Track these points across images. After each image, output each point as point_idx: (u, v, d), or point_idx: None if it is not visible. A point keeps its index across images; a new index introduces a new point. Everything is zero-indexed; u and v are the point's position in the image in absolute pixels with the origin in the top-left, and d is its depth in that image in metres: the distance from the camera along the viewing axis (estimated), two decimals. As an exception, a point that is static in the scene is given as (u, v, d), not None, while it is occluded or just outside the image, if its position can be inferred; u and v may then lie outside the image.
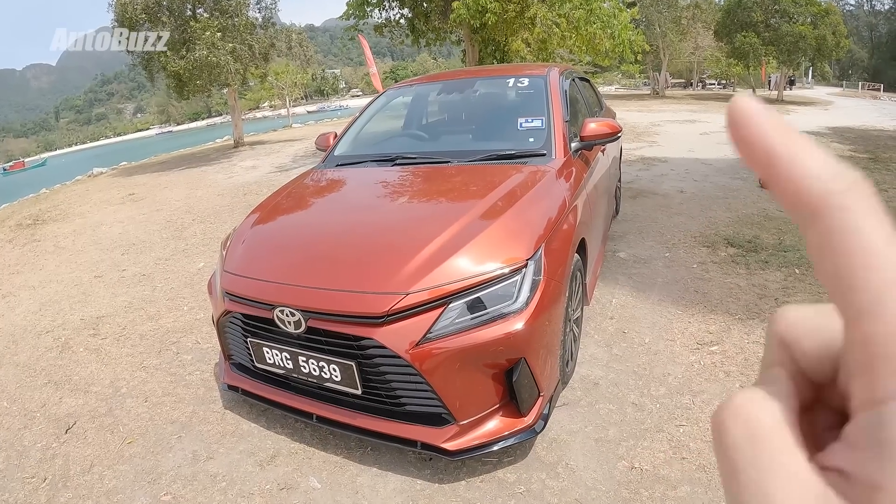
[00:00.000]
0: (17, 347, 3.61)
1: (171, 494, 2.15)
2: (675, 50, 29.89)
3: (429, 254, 1.92)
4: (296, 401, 2.21)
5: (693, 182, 6.76)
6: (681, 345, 2.87)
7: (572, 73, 3.89)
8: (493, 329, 1.80)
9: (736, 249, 4.16)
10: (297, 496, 2.05)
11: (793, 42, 22.94)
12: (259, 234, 2.52)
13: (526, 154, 2.72)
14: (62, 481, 2.29)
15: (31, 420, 2.77)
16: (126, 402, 2.83)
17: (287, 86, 36.71)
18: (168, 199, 8.38)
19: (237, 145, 16.11)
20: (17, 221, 7.92)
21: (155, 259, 5.26)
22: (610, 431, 2.23)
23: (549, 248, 2.07)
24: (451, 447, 1.87)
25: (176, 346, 3.37)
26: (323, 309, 1.90)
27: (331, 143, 3.52)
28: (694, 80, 40.91)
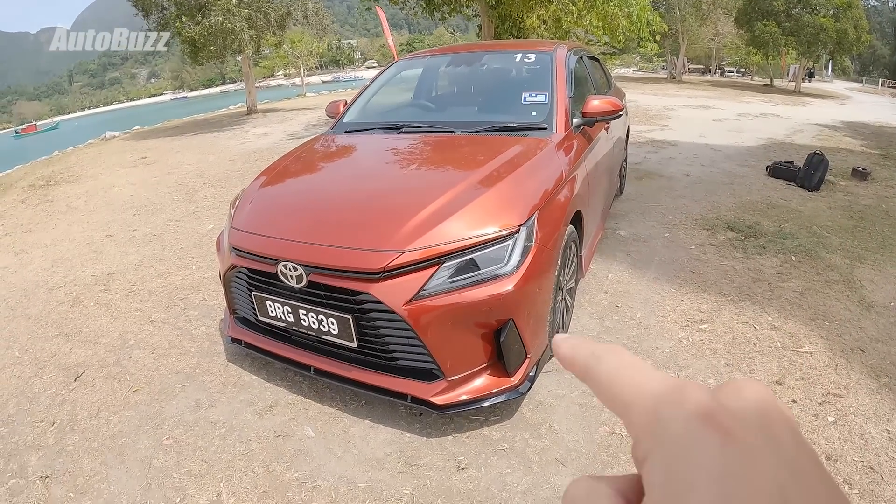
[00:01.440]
0: (29, 301, 3.72)
1: (172, 438, 2.26)
2: (694, 35, 29.34)
3: (425, 216, 2.00)
4: (295, 354, 2.31)
5: (700, 167, 6.75)
6: (671, 321, 2.94)
7: (581, 52, 3.90)
8: (483, 289, 1.88)
9: (735, 234, 4.19)
10: (291, 443, 2.16)
11: (813, 34, 22.46)
12: (266, 193, 2.60)
13: (528, 127, 2.77)
14: (70, 425, 2.40)
15: (42, 369, 2.88)
16: (133, 353, 2.94)
17: (302, 55, 36.47)
18: (180, 164, 8.45)
19: (250, 112, 16.09)
20: (29, 182, 8.03)
21: (165, 220, 5.35)
22: (594, 399, 2.30)
23: (543, 216, 2.13)
24: (440, 401, 1.97)
25: (183, 303, 3.47)
26: (324, 264, 1.99)
27: (341, 110, 3.58)
28: (713, 67, 40.18)
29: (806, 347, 2.65)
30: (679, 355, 2.60)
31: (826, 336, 2.75)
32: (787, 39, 23.24)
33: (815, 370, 2.48)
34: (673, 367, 2.50)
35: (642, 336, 2.79)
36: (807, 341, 2.71)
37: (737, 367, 2.50)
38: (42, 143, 26.18)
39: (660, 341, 2.74)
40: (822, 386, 2.36)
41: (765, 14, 23.45)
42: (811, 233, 4.23)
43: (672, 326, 2.89)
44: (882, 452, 1.98)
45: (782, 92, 23.11)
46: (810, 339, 2.72)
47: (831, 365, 2.51)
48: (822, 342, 2.70)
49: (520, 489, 1.87)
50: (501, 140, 2.66)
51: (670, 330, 2.85)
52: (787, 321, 2.90)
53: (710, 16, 28.49)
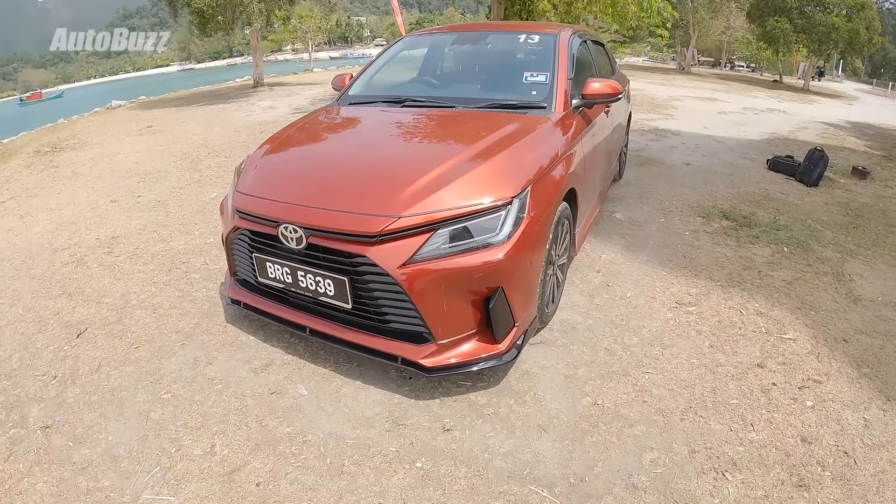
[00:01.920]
0: (34, 262, 3.78)
1: (170, 393, 2.34)
2: (705, 27, 29.02)
3: (422, 184, 2.06)
4: (292, 315, 2.39)
5: (701, 157, 6.77)
6: (660, 302, 3.01)
7: (586, 36, 3.92)
8: (474, 256, 1.95)
9: (730, 222, 4.24)
10: (285, 400, 2.24)
11: (825, 32, 22.21)
12: (270, 160, 2.66)
13: (527, 105, 2.81)
14: (71, 379, 2.47)
15: (45, 326, 2.95)
16: (135, 313, 3.01)
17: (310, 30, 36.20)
18: (185, 133, 8.48)
19: (257, 85, 16.05)
20: (35, 149, 8.06)
21: (170, 188, 5.41)
22: (580, 370, 2.39)
23: (536, 190, 2.19)
24: (428, 364, 2.05)
25: (185, 266, 3.54)
26: (323, 227, 2.06)
27: (346, 83, 3.62)
28: (723, 60, 39.79)
29: (790, 334, 2.72)
30: (665, 335, 2.67)
31: (811, 325, 2.82)
32: (798, 37, 22.99)
33: (798, 356, 2.54)
34: (657, 346, 2.57)
35: (630, 314, 2.86)
36: (791, 329, 2.77)
37: (720, 348, 2.57)
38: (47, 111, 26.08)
39: (647, 320, 2.81)
40: (802, 372, 2.43)
41: (777, 10, 23.17)
42: (805, 226, 4.28)
43: (660, 307, 2.95)
44: (857, 438, 2.04)
45: (791, 89, 22.91)
46: (795, 327, 2.79)
47: (814, 352, 2.58)
48: (807, 330, 2.76)
49: (501, 451, 1.95)
50: (500, 116, 2.70)
51: (658, 310, 2.92)
52: (773, 308, 2.97)
53: (723, 8, 28.14)
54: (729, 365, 2.44)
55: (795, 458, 1.93)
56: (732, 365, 2.44)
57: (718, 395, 2.25)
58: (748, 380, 2.35)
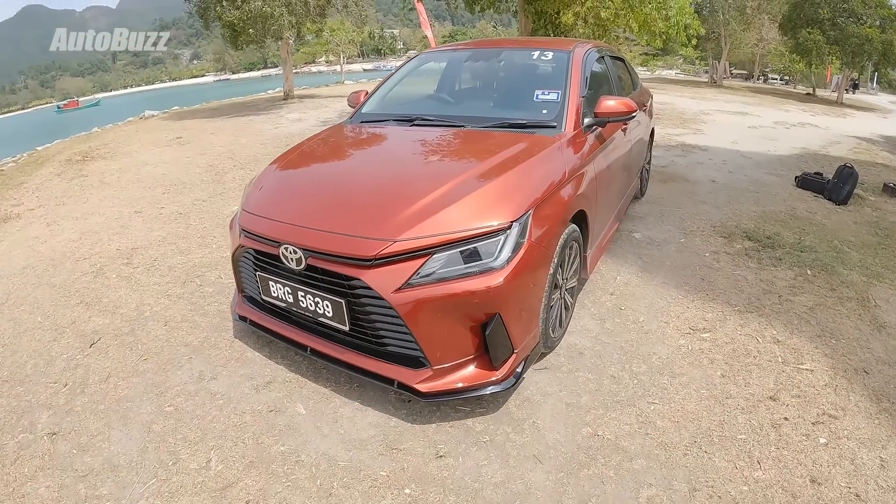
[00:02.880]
0: (56, 270, 3.91)
1: (173, 406, 2.37)
2: (737, 39, 28.46)
3: (420, 207, 2.04)
4: (294, 334, 2.39)
5: (727, 173, 6.60)
6: (673, 328, 2.92)
7: (605, 52, 3.87)
8: (471, 282, 1.91)
9: (752, 243, 4.11)
10: (282, 418, 2.24)
11: (858, 44, 21.56)
12: (276, 178, 2.70)
13: (537, 124, 2.78)
14: (81, 388, 2.54)
15: (61, 334, 3.04)
16: (148, 325, 3.07)
17: (342, 42, 36.84)
18: (213, 145, 8.67)
19: (287, 97, 16.35)
20: (67, 157, 8.35)
21: (193, 200, 5.53)
22: (582, 398, 2.32)
23: (539, 213, 2.15)
24: (424, 389, 2.02)
25: (200, 279, 3.60)
26: (321, 249, 2.06)
27: (361, 100, 3.64)
28: (755, 73, 38.97)
29: (807, 364, 2.60)
30: (675, 362, 2.59)
31: (830, 354, 2.69)
32: (831, 48, 22.37)
33: (814, 389, 2.43)
34: (666, 375, 2.49)
35: (641, 340, 2.78)
36: (809, 358, 2.65)
37: (732, 379, 2.47)
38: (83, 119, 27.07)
39: (658, 347, 2.72)
40: (818, 405, 2.32)
41: (810, 21, 22.61)
42: (831, 247, 4.12)
43: (673, 333, 2.87)
44: (871, 480, 1.93)
45: (823, 102, 22.28)
46: (813, 357, 2.67)
47: (831, 385, 2.46)
48: (826, 360, 2.64)
49: (493, 481, 1.91)
50: (507, 136, 2.67)
51: (671, 336, 2.83)
52: (791, 336, 2.85)
53: (755, 21, 27.58)
54: (740, 397, 2.35)
55: (802, 501, 1.83)
56: (744, 397, 2.35)
57: (726, 429, 2.15)
58: (759, 413, 2.25)
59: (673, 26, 10.21)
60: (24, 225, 5.10)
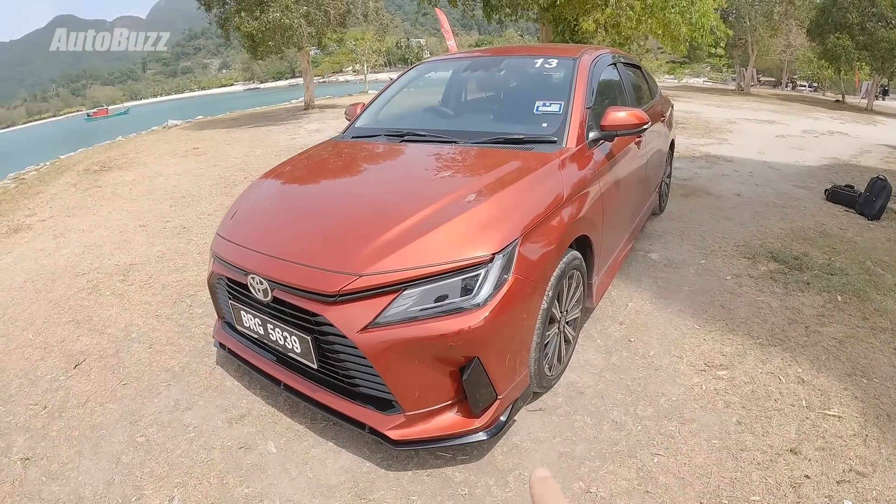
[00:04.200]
0: (54, 285, 3.87)
1: (145, 437, 2.26)
2: (764, 46, 27.63)
3: (393, 235, 1.85)
4: (269, 367, 2.23)
5: (754, 186, 6.27)
6: (687, 363, 2.67)
7: (618, 58, 3.64)
8: (446, 323, 1.71)
9: (778, 265, 3.81)
10: (251, 457, 2.09)
11: (888, 49, 20.64)
12: (253, 200, 2.54)
13: (535, 140, 2.55)
14: (59, 411, 2.48)
15: (49, 353, 2.98)
16: (132, 347, 2.98)
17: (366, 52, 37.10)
18: (227, 156, 8.67)
19: (307, 107, 16.45)
20: (85, 167, 8.46)
21: (198, 213, 5.48)
22: (578, 447, 2.10)
23: (529, 242, 1.94)
24: (395, 436, 1.82)
25: (191, 299, 3.50)
26: (284, 281, 1.89)
27: (357, 113, 3.49)
28: (783, 80, 37.87)
29: (835, 409, 2.32)
30: (686, 406, 2.34)
31: (861, 397, 2.41)
32: (861, 54, 21.50)
33: (841, 439, 2.15)
34: (675, 420, 2.24)
35: (649, 378, 2.54)
36: (837, 402, 2.37)
37: (749, 426, 2.21)
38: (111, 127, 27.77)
39: (668, 386, 2.48)
40: (844, 460, 2.04)
41: (838, 26, 21.77)
42: (864, 269, 3.79)
43: (686, 370, 2.61)
44: (904, 553, 1.68)
45: (853, 109, 21.35)
46: (842, 400, 2.39)
47: (860, 434, 2.18)
48: (856, 404, 2.36)
49: (469, 544, 1.71)
50: (499, 154, 2.46)
51: (683, 374, 2.58)
52: (818, 374, 2.57)
53: (782, 26, 26.73)
54: (756, 449, 2.09)
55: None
56: (761, 449, 2.09)
57: (738, 488, 1.90)
58: (777, 469, 1.99)
59: (697, 30, 9.86)
60: (34, 236, 5.12)
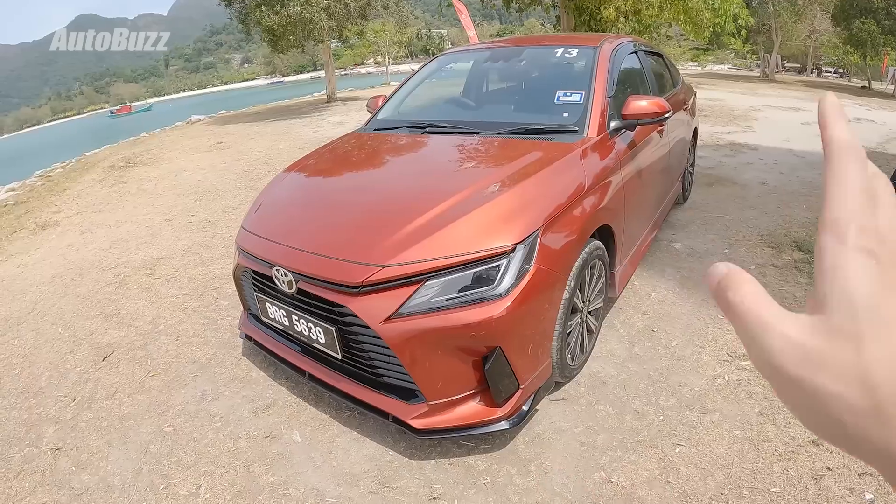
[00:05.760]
0: (82, 280, 3.97)
1: (173, 427, 2.32)
2: (788, 32, 26.87)
3: (416, 226, 1.86)
4: (294, 357, 2.27)
5: (779, 174, 6.12)
6: (710, 353, 2.64)
7: (639, 47, 3.59)
8: (468, 313, 1.72)
9: (803, 254, 3.73)
10: (277, 446, 2.13)
11: None
12: (276, 193, 2.58)
13: (556, 130, 2.54)
14: (88, 403, 2.55)
15: (78, 346, 3.06)
16: (160, 339, 3.05)
17: (387, 44, 37.13)
18: (251, 150, 8.74)
19: (330, 100, 16.44)
20: (111, 163, 8.63)
21: (223, 207, 5.56)
22: (600, 437, 2.10)
23: (551, 232, 1.94)
24: (419, 425, 1.85)
25: (217, 292, 3.56)
26: (309, 273, 1.92)
27: (379, 105, 3.50)
28: (809, 66, 36.82)
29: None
30: (708, 396, 2.31)
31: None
32: (886, 39, 20.79)
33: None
34: (697, 410, 2.22)
35: (672, 368, 2.52)
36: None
37: (771, 417, 2.18)
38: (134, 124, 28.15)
39: (691, 376, 2.45)
40: (868, 453, 2.01)
41: (863, 11, 21.05)
42: (893, 259, 3.68)
43: (709, 360, 2.58)
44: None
45: (879, 95, 20.62)
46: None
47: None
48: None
49: (490, 532, 1.72)
50: (521, 144, 2.45)
51: (706, 364, 2.55)
52: (845, 364, 2.52)
53: (806, 12, 25.94)
54: (778, 440, 2.06)
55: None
56: (783, 440, 2.06)
57: (759, 479, 1.88)
58: (799, 461, 1.96)
59: (720, 16, 9.64)
60: (61, 232, 5.25)
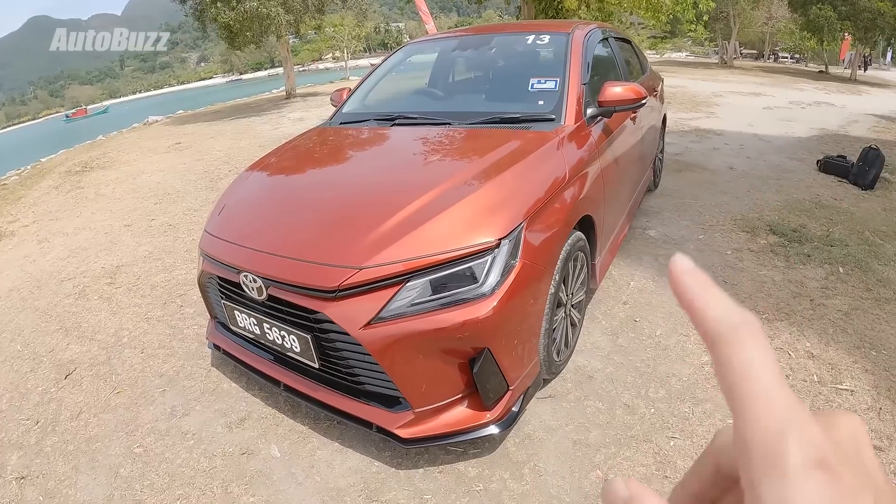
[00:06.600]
0: (40, 293, 3.74)
1: (143, 447, 2.18)
2: (746, 18, 27.58)
3: (392, 225, 1.76)
4: (267, 366, 2.15)
5: (746, 159, 6.23)
6: (695, 342, 2.62)
7: (609, 33, 3.55)
8: (453, 314, 1.63)
9: (778, 238, 3.77)
10: (255, 463, 2.02)
11: (870, 19, 20.63)
12: (241, 194, 2.43)
13: (532, 118, 2.47)
14: (52, 425, 2.38)
15: (38, 364, 2.87)
16: (124, 353, 2.88)
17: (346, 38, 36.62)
18: (211, 149, 8.46)
19: (289, 96, 16.12)
20: (67, 168, 8.22)
21: (184, 209, 5.33)
22: (592, 434, 2.04)
23: (534, 226, 1.86)
24: (405, 434, 1.75)
25: (181, 299, 3.39)
26: (280, 278, 1.79)
27: (343, 98, 3.37)
28: (765, 52, 37.90)
29: (847, 383, 2.29)
30: (698, 386, 2.29)
31: (871, 370, 2.37)
32: (843, 24, 21.51)
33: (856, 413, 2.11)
34: (688, 401, 2.20)
35: (658, 359, 2.49)
36: (848, 375, 2.34)
37: (762, 402, 2.17)
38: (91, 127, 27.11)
39: (678, 366, 2.43)
40: (861, 434, 2.01)
41: None
42: (863, 239, 3.76)
43: (695, 348, 2.56)
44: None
45: (837, 79, 21.39)
46: (853, 373, 2.35)
47: (874, 408, 2.15)
48: (867, 377, 2.32)
49: (487, 541, 1.65)
50: (497, 134, 2.37)
51: (692, 353, 2.53)
52: (827, 348, 2.53)
53: (763, -1, 26.71)
54: (773, 426, 2.05)
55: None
56: (777, 426, 2.05)
57: (758, 468, 1.86)
58: (795, 447, 1.95)
59: (680, 3, 9.75)
60: (17, 243, 4.96)
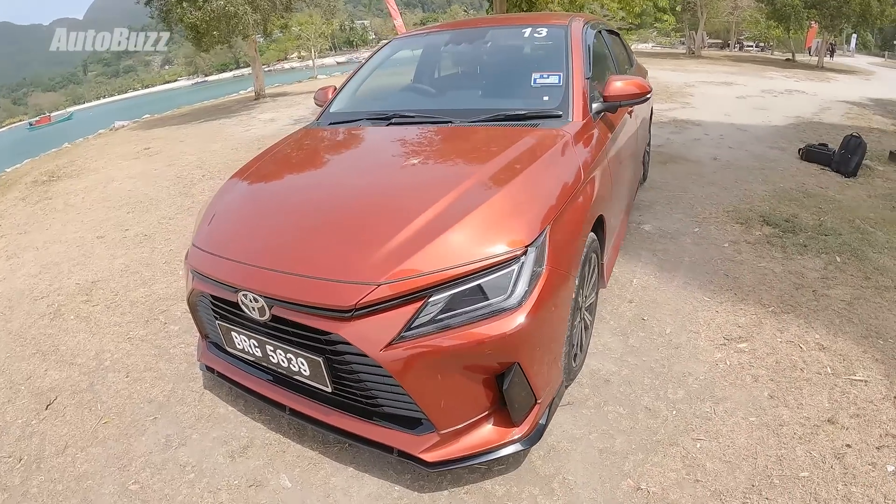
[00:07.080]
0: (12, 314, 3.50)
1: (139, 483, 2.01)
2: (713, 8, 28.15)
3: (409, 235, 1.63)
4: (269, 390, 2.00)
5: (728, 149, 6.28)
6: (706, 338, 2.58)
7: (599, 26, 3.48)
8: (481, 329, 1.52)
9: (772, 229, 3.78)
10: (264, 495, 1.88)
11: (836, 7, 21.38)
12: (231, 204, 2.25)
13: (538, 115, 2.37)
14: (36, 462, 2.19)
15: (16, 394, 2.67)
16: (107, 377, 2.69)
17: (312, 36, 36.06)
18: (182, 154, 8.20)
19: (258, 97, 15.77)
20: (33, 178, 7.84)
21: (159, 218, 5.11)
22: (617, 441, 1.98)
23: (557, 229, 1.76)
24: (430, 458, 1.64)
25: (164, 316, 3.21)
26: (286, 297, 1.64)
27: (329, 97, 3.22)
28: (731, 42, 38.75)
29: (860, 374, 2.27)
30: (715, 384, 2.24)
31: (881, 359, 2.36)
32: (809, 13, 22.16)
33: (872, 404, 2.10)
34: (708, 400, 2.15)
35: (672, 358, 2.43)
36: (860, 366, 2.32)
37: (782, 399, 2.14)
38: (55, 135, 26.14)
39: (692, 365, 2.38)
40: (879, 425, 1.99)
41: None
42: (854, 227, 3.80)
43: (706, 345, 2.52)
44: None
45: (804, 67, 22.02)
46: (864, 363, 2.34)
47: (889, 397, 2.13)
48: (878, 367, 2.31)
49: (526, 567, 1.56)
50: (506, 132, 2.26)
51: (705, 350, 2.49)
52: (836, 339, 2.52)
53: (729, -12, 27.30)
54: (795, 423, 2.01)
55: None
56: (799, 422, 2.01)
57: (785, 465, 1.82)
58: (819, 442, 1.92)
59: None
60: (-17, 261, 4.66)
